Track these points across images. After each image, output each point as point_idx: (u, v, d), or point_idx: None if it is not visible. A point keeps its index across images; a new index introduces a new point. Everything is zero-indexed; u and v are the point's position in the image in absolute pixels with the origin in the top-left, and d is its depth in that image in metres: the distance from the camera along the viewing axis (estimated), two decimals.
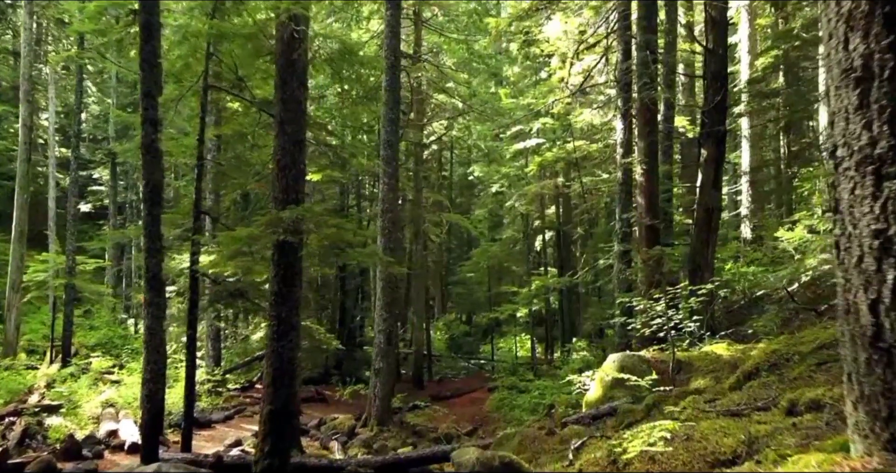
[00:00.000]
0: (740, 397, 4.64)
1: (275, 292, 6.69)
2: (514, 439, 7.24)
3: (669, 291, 8.38)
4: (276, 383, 6.54)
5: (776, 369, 5.24)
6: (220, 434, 13.03)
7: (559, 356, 24.71)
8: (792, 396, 3.55)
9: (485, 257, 27.22)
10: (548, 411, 15.35)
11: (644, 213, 12.35)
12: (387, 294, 14.12)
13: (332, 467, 8.00)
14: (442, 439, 14.17)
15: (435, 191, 29.71)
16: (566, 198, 25.51)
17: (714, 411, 4.23)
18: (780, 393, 4.48)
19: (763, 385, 4.93)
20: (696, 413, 4.38)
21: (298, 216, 6.38)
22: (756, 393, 4.63)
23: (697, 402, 4.98)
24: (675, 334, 8.61)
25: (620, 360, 8.42)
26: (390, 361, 14.19)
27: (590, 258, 22.99)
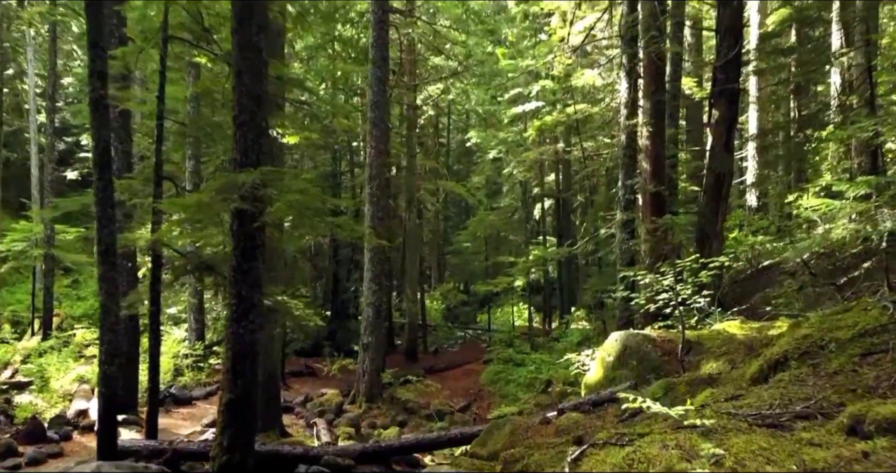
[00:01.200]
0: (770, 395, 3.88)
1: (234, 267, 5.90)
2: (505, 428, 6.53)
3: (678, 264, 7.60)
4: (235, 369, 5.80)
5: (809, 359, 4.47)
6: (200, 411, 12.40)
7: (557, 326, 24.12)
8: (855, 410, 2.78)
9: (482, 226, 26.41)
10: (544, 388, 14.77)
11: (649, 179, 11.50)
12: (375, 265, 13.36)
13: (308, 456, 7.32)
14: (434, 415, 13.59)
15: (431, 157, 28.80)
16: (566, 164, 24.58)
17: (742, 416, 3.47)
18: (820, 392, 3.71)
19: (795, 379, 4.17)
20: (718, 416, 3.62)
21: (256, 180, 5.55)
22: (789, 391, 3.87)
23: (717, 399, 4.23)
24: (683, 311, 7.85)
25: (623, 340, 7.68)
26: (379, 335, 13.51)
27: (590, 227, 22.20)
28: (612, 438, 4.41)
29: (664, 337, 7.63)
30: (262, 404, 10.43)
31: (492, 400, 15.43)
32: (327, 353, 22.30)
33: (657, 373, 7.19)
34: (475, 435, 7.09)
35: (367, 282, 13.43)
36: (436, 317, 30.88)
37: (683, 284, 7.88)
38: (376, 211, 13.30)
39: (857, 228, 6.69)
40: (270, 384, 10.46)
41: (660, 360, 7.31)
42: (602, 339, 16.05)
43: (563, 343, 16.19)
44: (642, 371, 7.30)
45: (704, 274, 7.61)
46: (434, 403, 14.34)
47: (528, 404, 13.66)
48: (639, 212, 11.97)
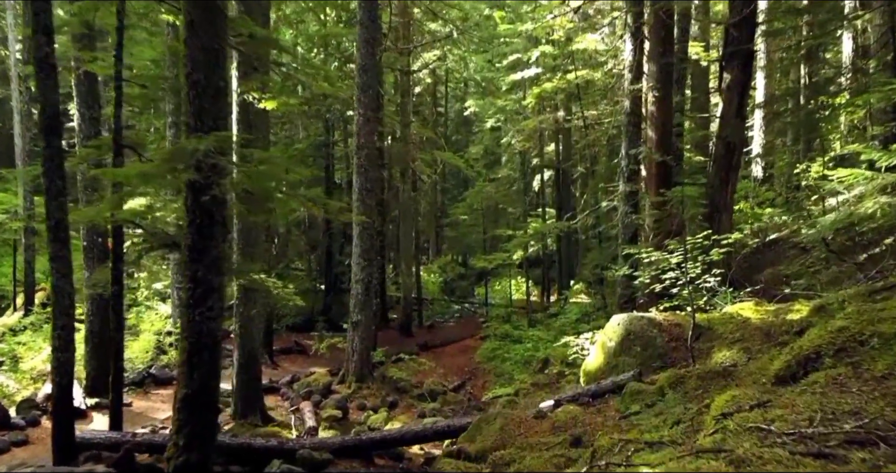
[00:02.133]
0: (807, 404, 3.23)
1: (189, 246, 5.22)
2: (496, 423, 5.93)
3: (688, 241, 6.91)
4: (191, 361, 5.16)
5: (846, 356, 3.82)
6: None
7: (556, 300, 23.57)
8: None
9: (479, 198, 25.70)
10: (541, 366, 14.22)
11: (654, 148, 10.75)
12: (364, 240, 12.68)
13: (282, 450, 6.74)
14: (426, 396, 13.05)
15: (428, 126, 27.90)
16: (566, 133, 23.74)
17: (776, 435, 2.82)
18: (870, 403, 3.06)
19: (834, 383, 3.52)
20: (746, 434, 2.98)
21: (211, 148, 4.82)
22: (830, 399, 3.22)
23: (740, 404, 3.58)
24: (692, 292, 7.21)
25: (626, 323, 7.04)
26: (369, 313, 12.90)
27: (590, 199, 21.48)
28: (616, 448, 3.78)
29: (671, 320, 6.99)
30: (242, 386, 9.88)
31: (487, 379, 14.91)
32: (320, 328, 21.80)
33: (663, 361, 6.58)
34: (463, 428, 6.50)
35: (355, 258, 12.76)
36: (433, 291, 30.34)
37: (692, 262, 7.23)
38: (365, 182, 12.56)
39: (890, 201, 5.99)
40: (250, 365, 9.87)
41: (666, 347, 6.69)
42: (601, 316, 15.51)
43: (561, 319, 15.62)
44: (647, 358, 6.68)
45: (716, 252, 6.94)
46: (427, 382, 13.80)
47: (525, 384, 13.15)
48: (643, 184, 11.25)
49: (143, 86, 8.30)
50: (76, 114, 10.36)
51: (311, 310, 23.91)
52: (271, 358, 14.81)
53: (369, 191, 12.64)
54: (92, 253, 10.81)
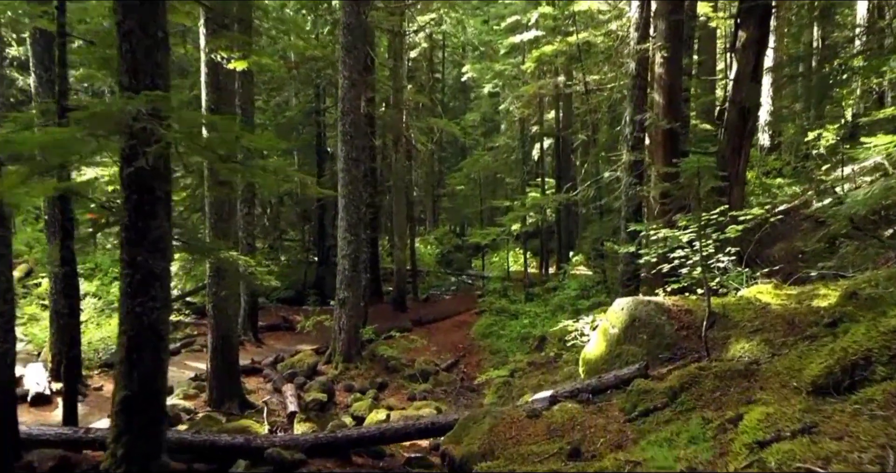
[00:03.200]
0: (868, 433, 2.54)
1: (125, 225, 4.48)
2: (484, 423, 5.27)
3: (702, 216, 6.16)
4: (131, 358, 4.46)
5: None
6: None
7: (555, 273, 22.90)
8: None
9: (476, 167, 24.82)
10: (538, 344, 13.61)
11: (662, 114, 9.92)
12: (350, 212, 11.92)
13: (249, 448, 6.10)
14: (417, 376, 12.47)
15: (424, 93, 26.88)
16: (567, 99, 22.76)
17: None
18: None
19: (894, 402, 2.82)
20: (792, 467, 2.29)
21: (141, 111, 4.04)
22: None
23: (778, 428, 2.88)
24: (705, 273, 6.49)
25: (631, 309, 6.34)
26: (356, 290, 12.21)
27: (591, 169, 20.64)
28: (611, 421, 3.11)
29: (681, 306, 6.28)
30: (217, 371, 9.24)
31: (482, 357, 14.31)
32: (312, 302, 21.18)
33: (672, 352, 5.89)
34: (449, 426, 5.85)
35: (341, 232, 12.03)
36: (429, 262, 29.68)
37: (705, 240, 6.50)
38: (351, 151, 11.75)
39: None
40: (226, 349, 9.22)
41: (675, 335, 5.99)
42: (601, 292, 14.86)
43: (559, 295, 14.95)
44: (654, 348, 5.99)
45: (733, 229, 6.20)
46: (419, 361, 13.20)
47: (521, 363, 12.55)
48: (648, 153, 10.45)
49: (90, 42, 7.45)
50: (32, 76, 9.50)
51: (304, 283, 23.26)
52: (256, 336, 14.19)
53: (355, 161, 11.83)
54: (54, 227, 10.06)
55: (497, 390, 11.23)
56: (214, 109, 8.85)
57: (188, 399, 9.39)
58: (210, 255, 7.25)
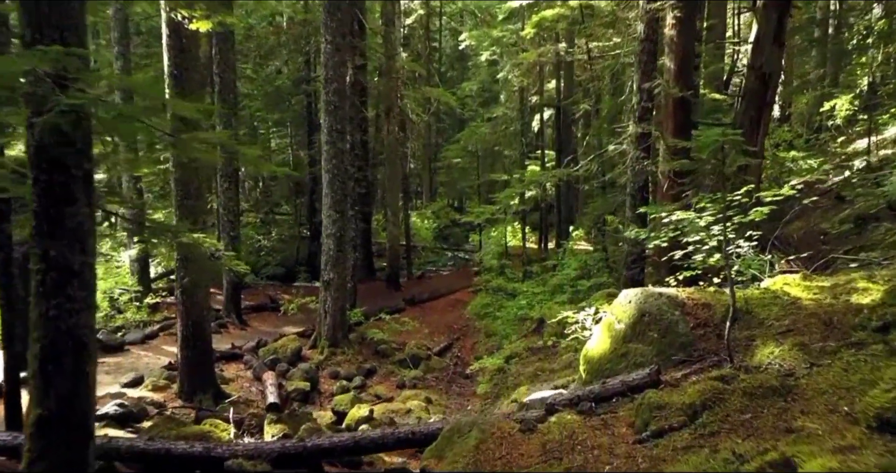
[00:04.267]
0: None
1: (35, 212, 3.70)
2: (470, 437, 4.56)
3: (721, 197, 5.37)
4: (46, 370, 3.73)
5: None
6: (130, 361, 10.56)
7: (553, 249, 22.17)
8: None
9: (473, 139, 23.85)
10: (536, 327, 12.92)
11: (673, 81, 9.04)
12: (335, 188, 11.11)
13: (209, 457, 5.41)
14: (407, 361, 11.81)
15: (420, 62, 25.80)
16: (568, 68, 21.74)
17: None
18: None
19: None
20: None
21: (41, 72, 3.22)
22: None
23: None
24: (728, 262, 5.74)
25: (640, 302, 5.59)
26: (342, 271, 11.47)
27: (593, 141, 19.73)
28: None
29: (697, 299, 5.53)
30: (187, 362, 8.56)
31: (476, 340, 13.66)
32: (303, 279, 20.49)
33: (687, 353, 5.16)
34: (432, 436, 5.15)
35: (325, 210, 11.25)
36: (426, 237, 28.92)
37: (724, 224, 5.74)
38: (335, 122, 10.89)
39: None
40: (198, 337, 8.51)
41: (691, 334, 5.25)
42: (603, 272, 14.14)
43: (559, 275, 14.22)
44: (666, 348, 5.26)
45: (758, 212, 5.40)
46: (410, 345, 12.54)
47: (517, 348, 11.89)
48: (657, 124, 9.60)
49: None
50: None
51: (295, 259, 22.52)
52: (239, 318, 13.50)
53: (340, 133, 10.98)
54: None
55: (491, 378, 10.59)
56: (178, 75, 8.00)
57: (157, 391, 8.71)
58: (164, 238, 6.46)
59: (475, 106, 32.36)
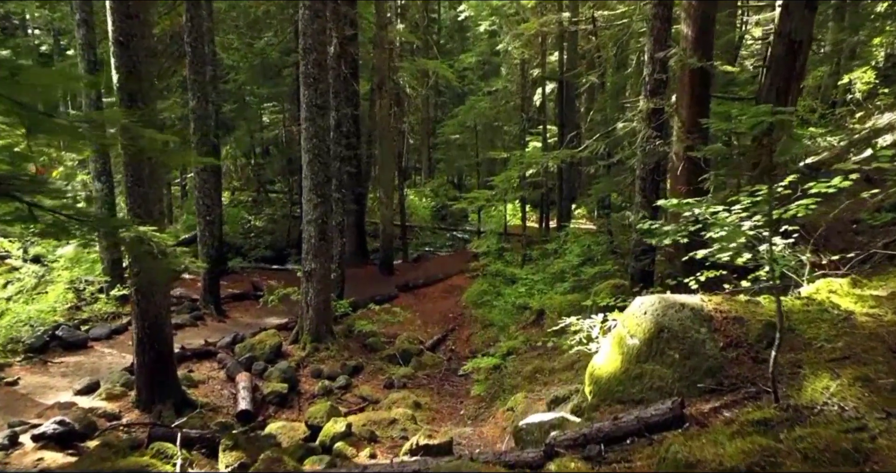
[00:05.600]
0: None
1: None
2: None
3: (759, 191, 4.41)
4: None
5: None
6: (92, 361, 9.68)
7: (555, 227, 21.21)
8: None
9: (472, 114, 22.73)
10: (536, 318, 12.03)
11: (690, 50, 7.99)
12: (316, 170, 10.14)
13: None
14: (397, 357, 10.96)
15: (417, 33, 24.57)
16: (572, 40, 20.54)
17: None
18: None
19: None
20: None
21: None
22: None
23: None
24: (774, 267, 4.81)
25: (658, 313, 4.66)
26: (325, 260, 10.55)
27: (597, 116, 18.62)
28: None
29: (726, 311, 4.59)
30: (145, 368, 7.69)
31: (473, 331, 12.78)
32: (293, 261, 19.59)
33: (717, 380, 4.24)
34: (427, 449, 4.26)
35: (306, 193, 10.29)
36: (424, 216, 27.99)
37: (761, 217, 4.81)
38: (314, 96, 9.87)
39: None
40: (156, 340, 7.62)
41: (721, 356, 4.33)
42: (608, 259, 13.18)
43: (560, 262, 13.28)
44: (689, 373, 4.34)
45: (800, 207, 4.44)
46: (401, 338, 11.68)
47: (516, 342, 11.02)
48: (675, 98, 8.58)
49: None
50: None
51: (286, 241, 21.61)
52: (218, 309, 12.61)
53: (320, 108, 9.96)
54: None
55: (487, 377, 9.73)
56: (124, 43, 6.98)
57: (113, 400, 7.84)
58: (96, 231, 5.53)
59: (475, 79, 31.15)
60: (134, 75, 7.10)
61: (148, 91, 7.28)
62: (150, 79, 7.29)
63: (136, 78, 7.12)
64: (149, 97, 7.27)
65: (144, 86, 7.21)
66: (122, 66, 7.05)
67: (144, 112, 7.20)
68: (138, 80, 7.14)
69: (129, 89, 7.12)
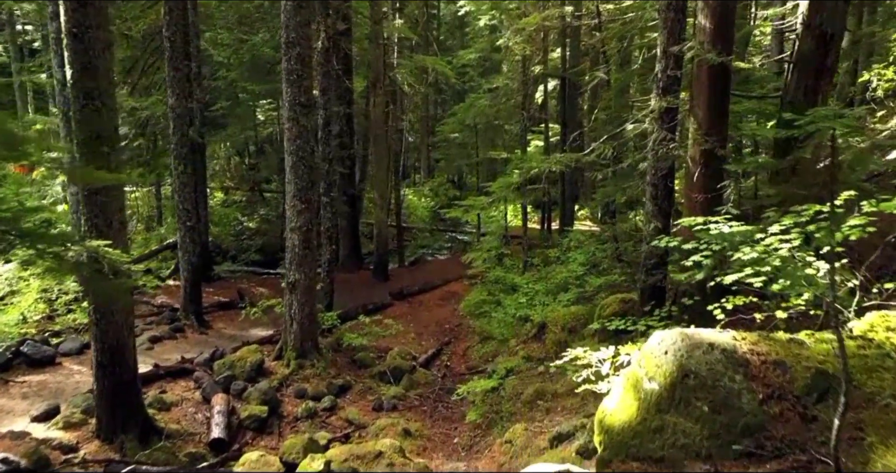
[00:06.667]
0: None
1: None
2: None
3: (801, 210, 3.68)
4: None
5: None
6: (58, 380, 8.97)
7: (558, 228, 20.47)
8: None
9: (471, 112, 21.94)
10: (537, 331, 11.30)
11: (709, 43, 7.23)
12: (300, 173, 9.40)
13: None
14: (388, 374, 10.21)
15: (416, 29, 23.81)
16: (575, 35, 19.79)
17: None
18: None
19: None
20: None
21: None
22: None
23: None
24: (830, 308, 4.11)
25: (681, 355, 3.92)
26: (310, 271, 9.82)
27: (601, 115, 17.84)
28: None
29: (763, 354, 3.83)
30: (106, 395, 6.96)
31: (470, 344, 12.05)
32: (284, 266, 18.88)
33: (756, 441, 3.50)
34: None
35: (289, 198, 9.56)
36: (423, 217, 27.29)
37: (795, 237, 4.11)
38: (298, 94, 9.13)
39: None
40: (117, 363, 6.91)
41: (760, 412, 3.58)
42: (615, 268, 12.43)
43: (563, 272, 12.52)
44: (723, 430, 3.60)
45: (856, 230, 3.71)
46: (392, 353, 10.94)
47: (515, 359, 10.29)
48: (690, 97, 7.83)
49: None
50: None
51: (280, 243, 20.87)
52: (200, 319, 11.89)
53: (304, 107, 9.22)
54: None
55: (484, 399, 8.98)
56: (78, 35, 6.24)
57: (71, 429, 7.12)
58: (34, 249, 4.80)
59: (475, 76, 30.40)
60: (90, 71, 6.37)
61: (106, 88, 6.55)
62: (108, 75, 6.55)
63: (92, 74, 6.39)
64: (107, 95, 6.54)
65: (102, 84, 6.49)
66: (75, 61, 6.33)
67: (102, 112, 6.48)
68: (94, 77, 6.42)
69: (84, 87, 6.39)
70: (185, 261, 11.51)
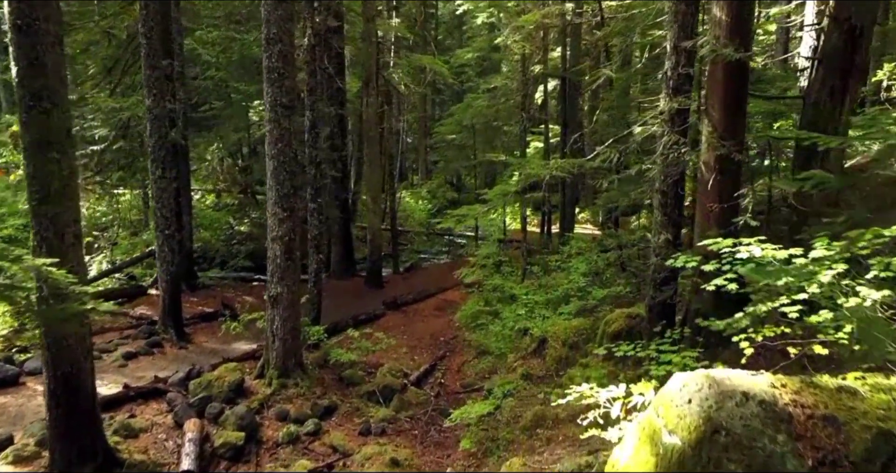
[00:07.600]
0: None
1: None
2: None
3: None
4: None
5: None
6: (20, 402, 8.31)
7: (558, 233, 19.82)
8: None
9: (469, 113, 21.33)
10: (536, 346, 10.66)
11: (725, 38, 6.57)
12: (281, 179, 8.75)
13: None
14: (377, 394, 9.56)
15: (415, 29, 23.21)
16: (575, 34, 19.13)
17: None
18: None
19: None
20: None
21: None
22: None
23: None
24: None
25: (708, 405, 3.27)
26: (293, 283, 9.16)
27: (603, 115, 17.20)
28: None
29: (810, 407, 3.16)
30: (61, 423, 6.29)
31: (466, 359, 11.40)
32: None
33: None
34: None
35: (270, 205, 8.91)
36: (421, 219, 26.62)
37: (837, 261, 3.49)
38: (279, 94, 8.49)
39: None
40: (71, 392, 6.25)
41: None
42: (619, 278, 11.78)
43: (565, 281, 11.85)
44: None
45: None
46: (383, 369, 10.30)
47: (514, 373, 9.67)
48: (704, 97, 7.19)
49: None
50: None
51: None
52: (179, 333, 11.22)
53: (287, 108, 8.57)
54: None
55: (479, 423, 8.31)
56: (23, 28, 5.59)
57: (21, 464, 6.46)
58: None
59: (473, 76, 29.79)
60: (37, 68, 5.72)
61: (57, 88, 5.89)
62: (59, 72, 5.89)
63: (41, 72, 5.74)
64: (58, 95, 5.88)
65: (52, 82, 5.83)
66: (21, 57, 5.67)
67: (52, 114, 5.83)
68: (44, 75, 5.77)
69: (31, 86, 5.74)
70: (164, 272, 10.86)
